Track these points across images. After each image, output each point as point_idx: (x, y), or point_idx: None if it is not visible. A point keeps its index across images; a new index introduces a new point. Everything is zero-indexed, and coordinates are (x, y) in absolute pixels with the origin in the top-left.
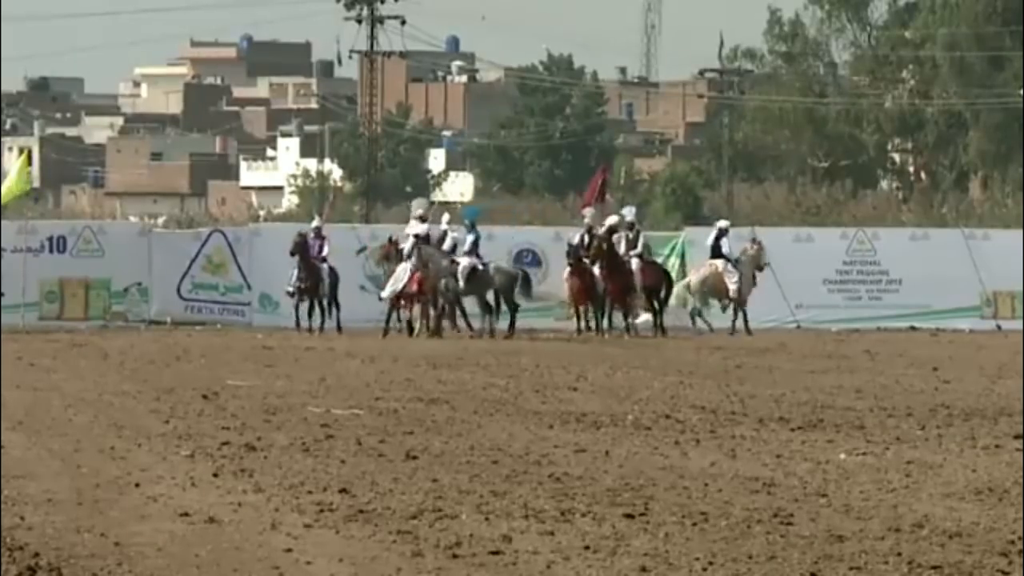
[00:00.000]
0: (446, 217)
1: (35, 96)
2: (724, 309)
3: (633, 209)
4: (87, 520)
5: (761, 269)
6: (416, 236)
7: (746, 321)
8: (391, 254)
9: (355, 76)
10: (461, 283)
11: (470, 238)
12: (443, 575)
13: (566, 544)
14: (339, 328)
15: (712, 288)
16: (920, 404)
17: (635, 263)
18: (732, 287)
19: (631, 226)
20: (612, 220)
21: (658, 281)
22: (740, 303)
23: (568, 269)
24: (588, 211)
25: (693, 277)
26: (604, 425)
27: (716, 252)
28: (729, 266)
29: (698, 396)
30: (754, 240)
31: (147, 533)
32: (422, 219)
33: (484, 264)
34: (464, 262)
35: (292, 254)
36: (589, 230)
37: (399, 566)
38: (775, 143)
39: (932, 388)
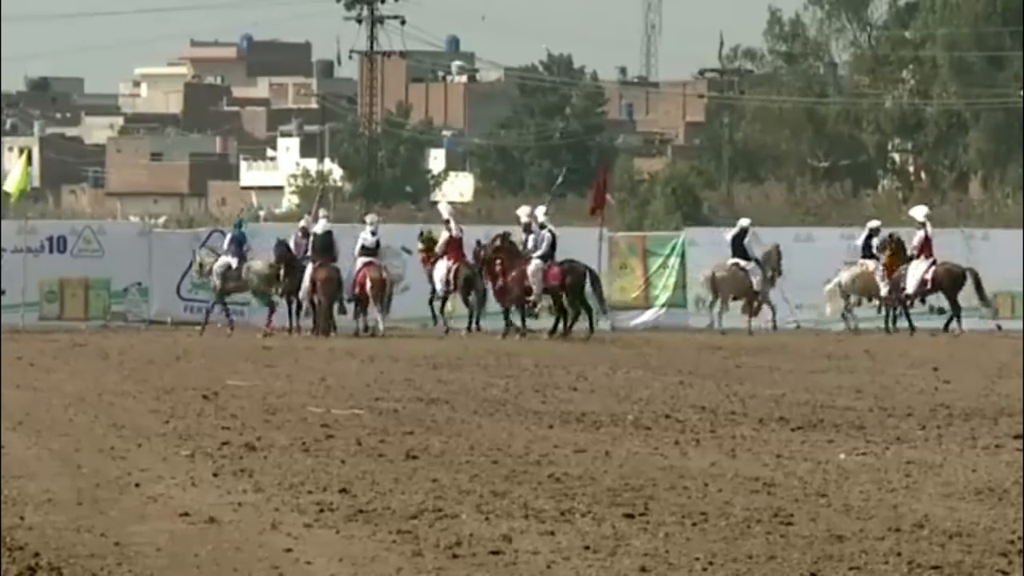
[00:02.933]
0: (370, 218)
1: (35, 96)
2: (879, 309)
3: (538, 208)
4: (87, 520)
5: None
6: (304, 233)
7: (894, 318)
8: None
9: (355, 76)
10: (217, 282)
11: (228, 235)
12: (443, 575)
13: (566, 544)
14: (333, 328)
15: (863, 287)
16: (920, 404)
17: (534, 264)
18: (884, 287)
19: (542, 226)
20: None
21: (563, 283)
22: (892, 302)
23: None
24: (523, 210)
25: (845, 276)
26: (604, 425)
27: (867, 253)
28: (881, 266)
29: (698, 396)
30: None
31: (147, 533)
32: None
33: (240, 262)
34: (220, 260)
35: (277, 263)
36: (526, 228)
37: (399, 566)
38: (775, 143)
39: (932, 388)
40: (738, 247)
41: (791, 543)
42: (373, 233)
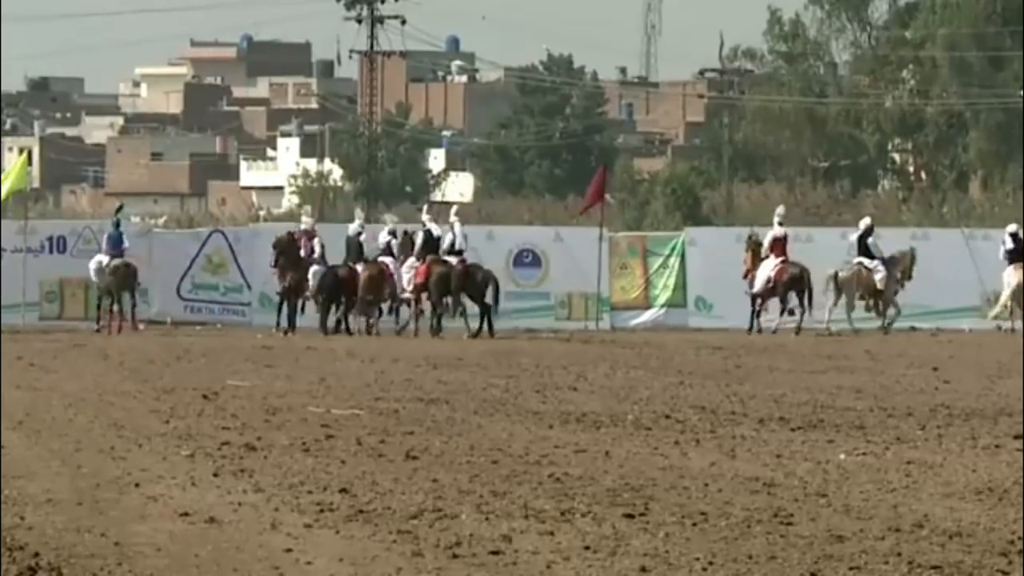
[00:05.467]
0: (389, 218)
1: (35, 96)
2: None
3: (452, 208)
4: (87, 520)
5: None
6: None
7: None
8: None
9: (355, 76)
10: (95, 279)
11: (105, 234)
12: (443, 575)
13: (566, 544)
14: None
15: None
16: (920, 404)
17: (408, 261)
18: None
19: (423, 224)
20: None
21: (427, 281)
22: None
23: None
24: (452, 208)
25: (1012, 280)
26: (604, 425)
27: (1016, 255)
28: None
29: (698, 396)
30: None
31: (147, 533)
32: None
33: (110, 261)
34: (94, 259)
35: (275, 247)
36: (451, 227)
37: (399, 566)
38: (775, 143)
39: (932, 388)
40: (863, 246)
41: (791, 543)
42: (391, 233)
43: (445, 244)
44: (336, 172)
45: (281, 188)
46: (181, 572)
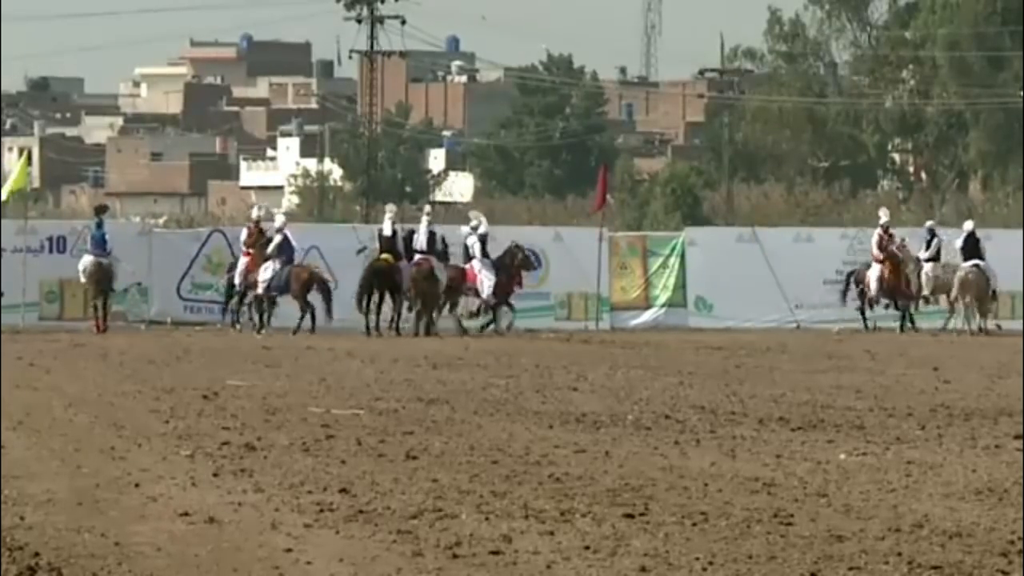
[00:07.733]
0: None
1: (35, 96)
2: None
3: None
4: (87, 520)
5: None
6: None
7: None
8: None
9: (355, 76)
10: (83, 280)
11: (90, 235)
12: (443, 575)
13: (566, 544)
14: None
15: None
16: (920, 404)
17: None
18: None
19: (278, 230)
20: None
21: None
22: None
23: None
24: (426, 208)
25: None
26: (604, 425)
27: None
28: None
29: (698, 396)
30: None
31: (147, 533)
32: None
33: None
34: (82, 260)
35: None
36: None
37: (399, 566)
38: (775, 143)
39: (932, 388)
40: (972, 249)
41: (791, 543)
42: (475, 230)
43: (414, 244)
44: (336, 172)
45: (281, 188)
46: (181, 572)
